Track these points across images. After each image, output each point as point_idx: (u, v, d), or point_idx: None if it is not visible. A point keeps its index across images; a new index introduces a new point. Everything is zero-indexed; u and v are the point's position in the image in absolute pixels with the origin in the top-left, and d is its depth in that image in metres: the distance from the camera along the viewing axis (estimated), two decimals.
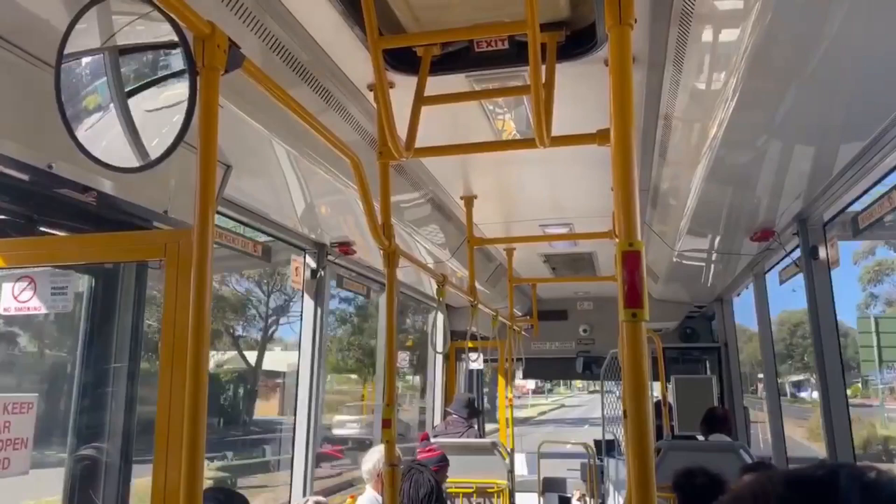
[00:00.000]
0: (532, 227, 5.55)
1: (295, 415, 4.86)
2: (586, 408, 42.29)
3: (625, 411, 3.04)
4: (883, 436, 16.67)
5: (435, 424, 7.74)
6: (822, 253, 4.18)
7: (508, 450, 6.26)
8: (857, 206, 3.79)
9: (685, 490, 3.47)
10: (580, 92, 3.02)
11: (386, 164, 2.85)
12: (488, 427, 9.89)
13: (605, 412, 7.74)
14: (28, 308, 2.18)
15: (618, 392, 7.89)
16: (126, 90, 1.67)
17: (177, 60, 1.60)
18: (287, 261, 4.92)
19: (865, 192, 3.61)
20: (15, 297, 2.16)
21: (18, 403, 2.37)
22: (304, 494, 4.66)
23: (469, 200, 4.69)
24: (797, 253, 4.46)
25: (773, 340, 6.24)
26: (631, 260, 1.46)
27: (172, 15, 1.48)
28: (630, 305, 1.43)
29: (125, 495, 2.58)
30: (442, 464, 4.66)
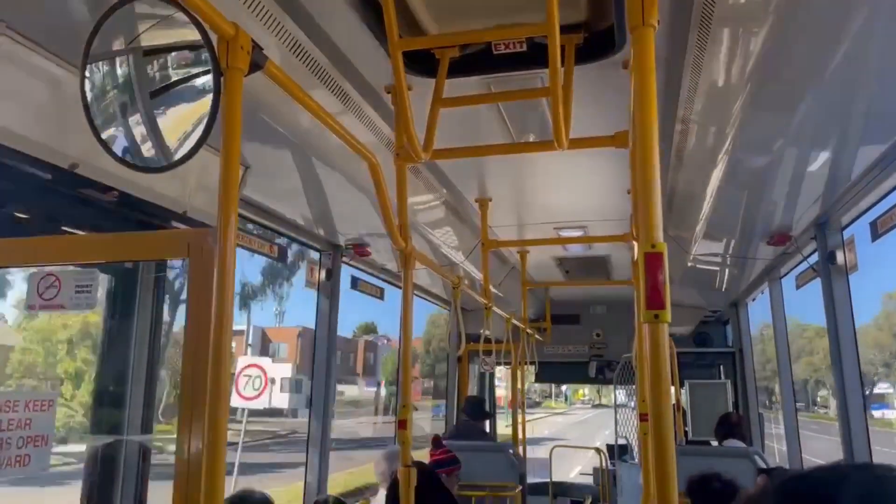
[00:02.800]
0: (546, 230, 5.54)
1: (309, 414, 4.89)
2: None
3: (643, 414, 3.02)
4: None
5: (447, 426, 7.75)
6: (839, 258, 4.15)
7: (521, 453, 6.25)
8: (876, 210, 3.77)
9: (699, 496, 3.45)
10: (597, 94, 3.02)
11: (403, 165, 2.86)
12: None
13: (617, 416, 7.72)
14: (52, 306, 2.21)
15: (632, 403, 7.88)
16: (150, 91, 1.69)
17: (200, 61, 1.62)
18: None
19: (885, 196, 3.58)
20: (40, 295, 2.19)
21: (39, 401, 2.40)
22: (318, 493, 4.68)
23: (484, 203, 4.69)
24: (814, 258, 4.43)
25: (788, 345, 6.19)
26: (653, 261, 1.46)
27: (197, 17, 1.50)
28: (652, 307, 1.43)
29: (143, 492, 2.61)
30: (454, 466, 4.65)
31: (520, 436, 6.21)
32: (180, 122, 1.67)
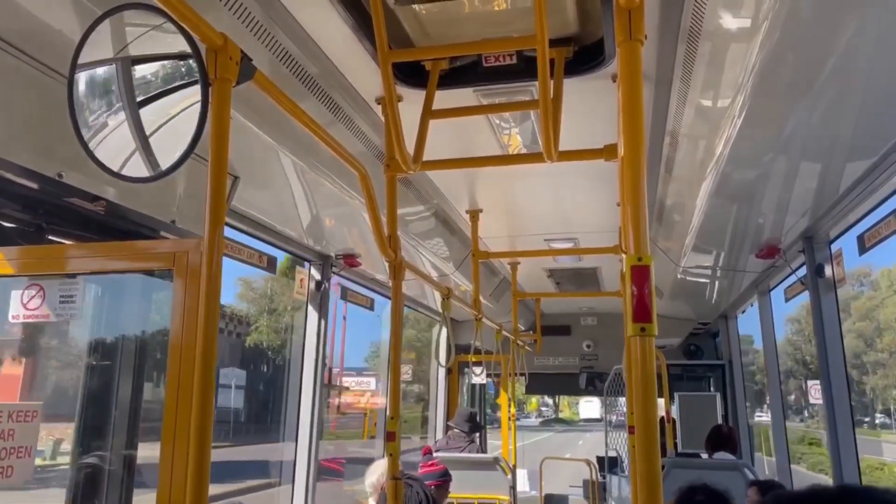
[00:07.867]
0: (537, 242, 5.55)
1: (297, 432, 4.78)
2: None
3: (631, 427, 3.02)
4: None
5: (437, 439, 7.71)
6: (827, 271, 4.17)
7: (510, 465, 6.23)
8: (863, 225, 3.79)
9: None
10: (587, 107, 3.03)
11: (393, 176, 2.86)
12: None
13: (607, 427, 7.72)
14: (37, 316, 2.18)
15: (611, 418, 7.89)
16: (138, 100, 1.68)
17: (189, 72, 1.61)
18: None
19: (872, 210, 3.60)
20: (24, 305, 2.17)
21: (23, 412, 2.37)
22: None
23: (474, 214, 4.70)
24: (803, 271, 4.45)
25: (777, 358, 6.22)
26: (640, 274, 1.46)
27: (186, 27, 1.50)
28: (639, 320, 1.43)
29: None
30: (444, 479, 4.62)
31: (510, 448, 6.19)
32: (168, 131, 1.66)
